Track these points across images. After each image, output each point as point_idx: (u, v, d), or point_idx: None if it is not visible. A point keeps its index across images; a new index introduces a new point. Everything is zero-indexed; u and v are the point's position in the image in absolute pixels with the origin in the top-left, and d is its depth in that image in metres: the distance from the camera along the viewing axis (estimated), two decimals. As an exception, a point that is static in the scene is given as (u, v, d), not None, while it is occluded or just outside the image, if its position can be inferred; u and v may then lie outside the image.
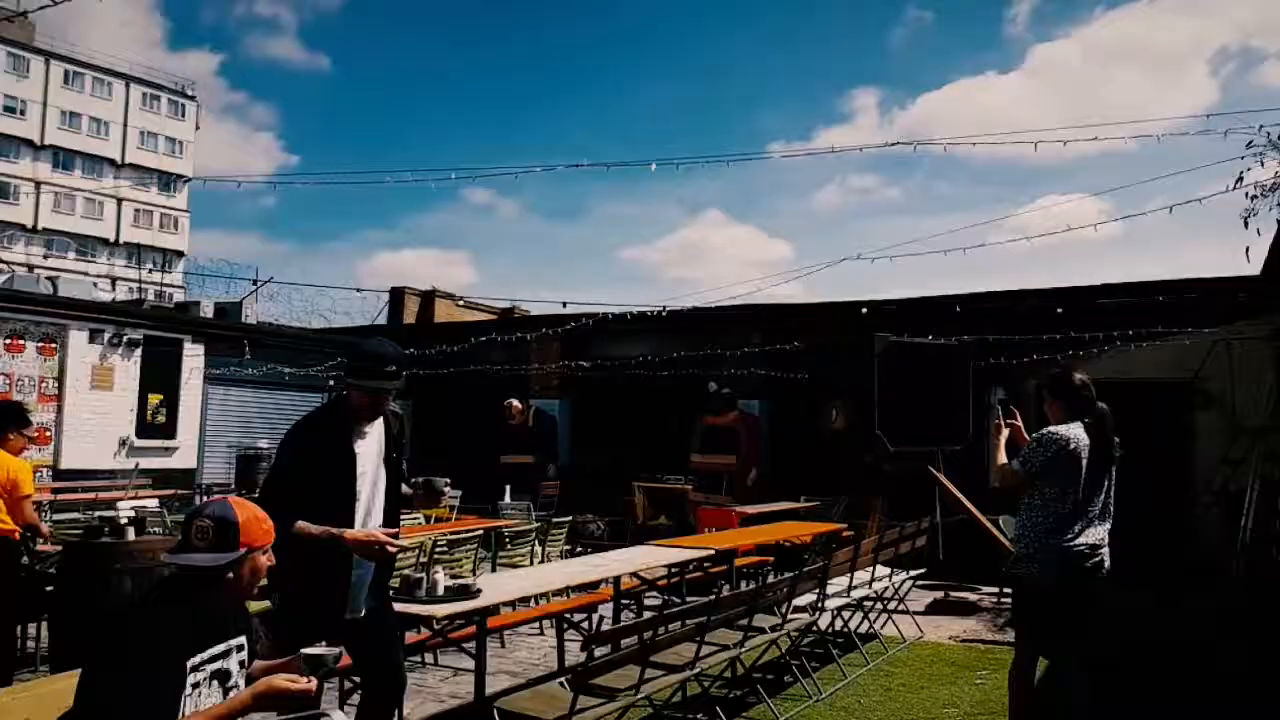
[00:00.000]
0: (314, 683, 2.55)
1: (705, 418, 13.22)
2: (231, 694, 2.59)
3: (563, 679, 4.44)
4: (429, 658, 6.48)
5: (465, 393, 15.11)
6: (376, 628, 3.77)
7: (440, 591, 4.43)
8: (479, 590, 4.56)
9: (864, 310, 12.11)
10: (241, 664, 2.69)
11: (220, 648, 2.59)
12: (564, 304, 8.77)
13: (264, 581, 3.94)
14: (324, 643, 2.72)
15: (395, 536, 3.64)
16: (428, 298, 18.89)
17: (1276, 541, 9.39)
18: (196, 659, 2.50)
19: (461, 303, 18.22)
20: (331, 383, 14.54)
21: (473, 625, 4.93)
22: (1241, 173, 9.12)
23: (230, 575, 2.62)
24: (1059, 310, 10.92)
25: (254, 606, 6.25)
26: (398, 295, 18.55)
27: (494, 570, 7.25)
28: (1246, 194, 12.66)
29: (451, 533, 7.36)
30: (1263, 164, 11.14)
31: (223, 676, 2.60)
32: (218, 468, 14.24)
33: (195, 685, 2.49)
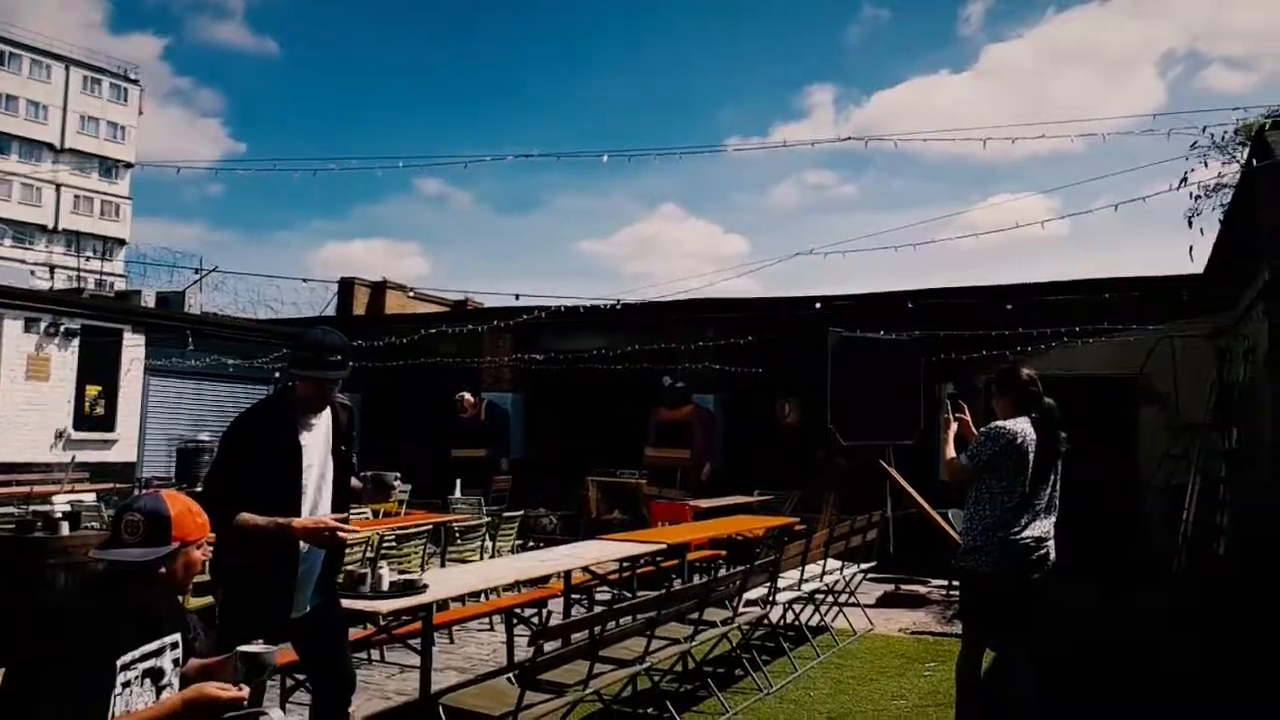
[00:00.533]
0: (245, 690, 2.47)
1: (660, 412, 13.21)
2: (165, 693, 2.52)
3: (511, 675, 4.37)
4: (375, 654, 6.37)
5: (416, 386, 14.92)
6: (323, 626, 3.66)
7: (385, 587, 4.34)
8: (425, 586, 4.48)
9: (818, 305, 12.16)
10: (176, 662, 2.61)
11: (153, 645, 2.51)
12: (516, 296, 8.66)
13: (207, 577, 3.81)
14: (262, 641, 2.63)
15: (345, 521, 3.53)
16: (378, 289, 18.61)
17: (1217, 536, 9.62)
18: (128, 657, 2.42)
19: (412, 294, 17.98)
20: (277, 374, 14.26)
21: (419, 621, 4.84)
22: (1186, 173, 9.33)
23: (163, 570, 2.54)
24: (1008, 307, 11.06)
25: (194, 603, 6.12)
26: (347, 286, 18.24)
27: (443, 565, 7.15)
28: (1190, 194, 12.99)
29: (400, 528, 7.24)
30: (1206, 164, 11.42)
31: (155, 675, 2.52)
32: (158, 461, 13.90)
33: (126, 684, 2.42)
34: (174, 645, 2.59)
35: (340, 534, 3.46)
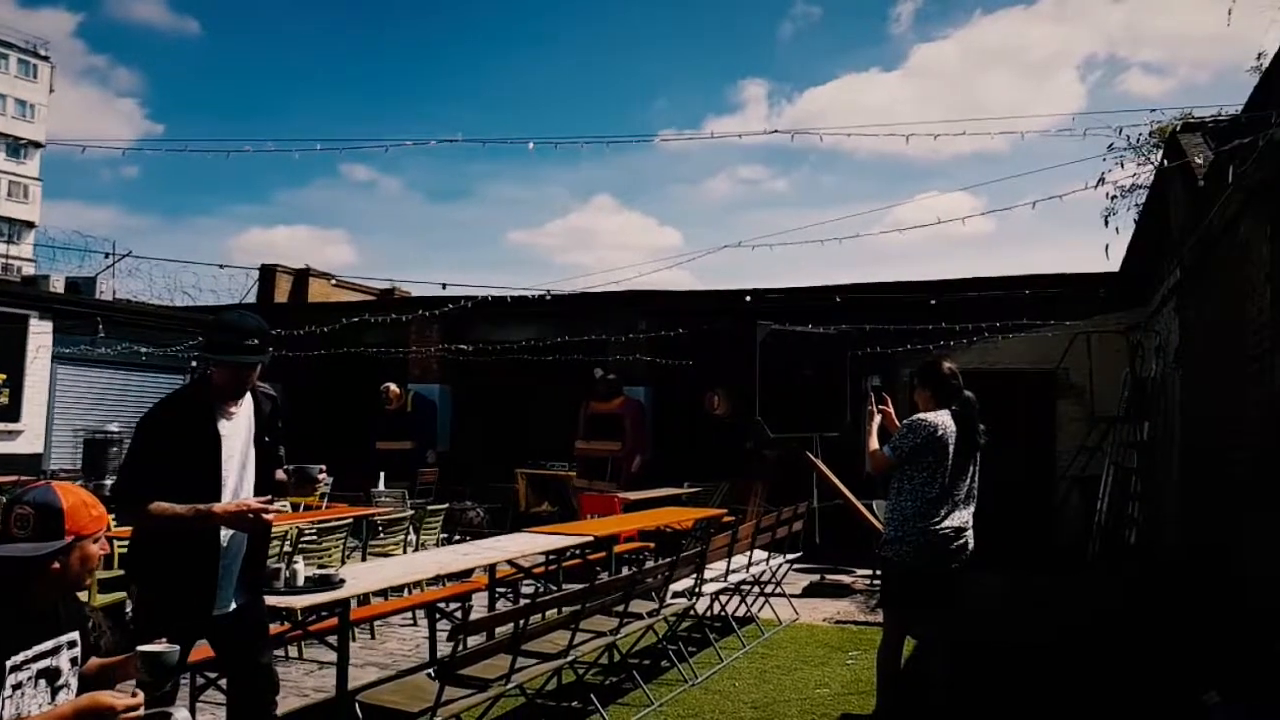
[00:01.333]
0: (140, 697, 2.35)
1: (590, 403, 13.16)
2: (62, 695, 2.42)
3: (430, 670, 4.28)
4: (293, 651, 6.20)
5: (340, 376, 14.61)
6: (246, 626, 3.51)
7: (300, 582, 4.21)
8: (342, 580, 4.35)
9: (748, 298, 12.23)
10: (74, 661, 2.51)
11: (48, 645, 2.41)
12: (444, 285, 8.49)
13: (118, 572, 3.60)
14: (165, 639, 2.51)
15: (269, 504, 3.37)
16: (301, 276, 18.17)
17: (1129, 525, 9.95)
18: (19, 657, 2.31)
19: (334, 282, 17.53)
20: (193, 364, 13.81)
21: (335, 617, 4.72)
22: (1103, 174, 9.61)
23: (56, 565, 2.41)
24: (932, 302, 11.27)
25: (100, 600, 5.87)
26: (268, 273, 17.75)
27: (364, 560, 7.00)
28: (1107, 194, 13.42)
29: (320, 521, 7.06)
30: (1122, 165, 11.82)
31: (51, 675, 2.42)
32: (66, 453, 13.34)
33: (17, 686, 2.31)
34: (71, 644, 2.49)
35: (265, 516, 3.31)
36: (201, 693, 4.84)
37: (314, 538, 6.51)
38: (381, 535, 7.19)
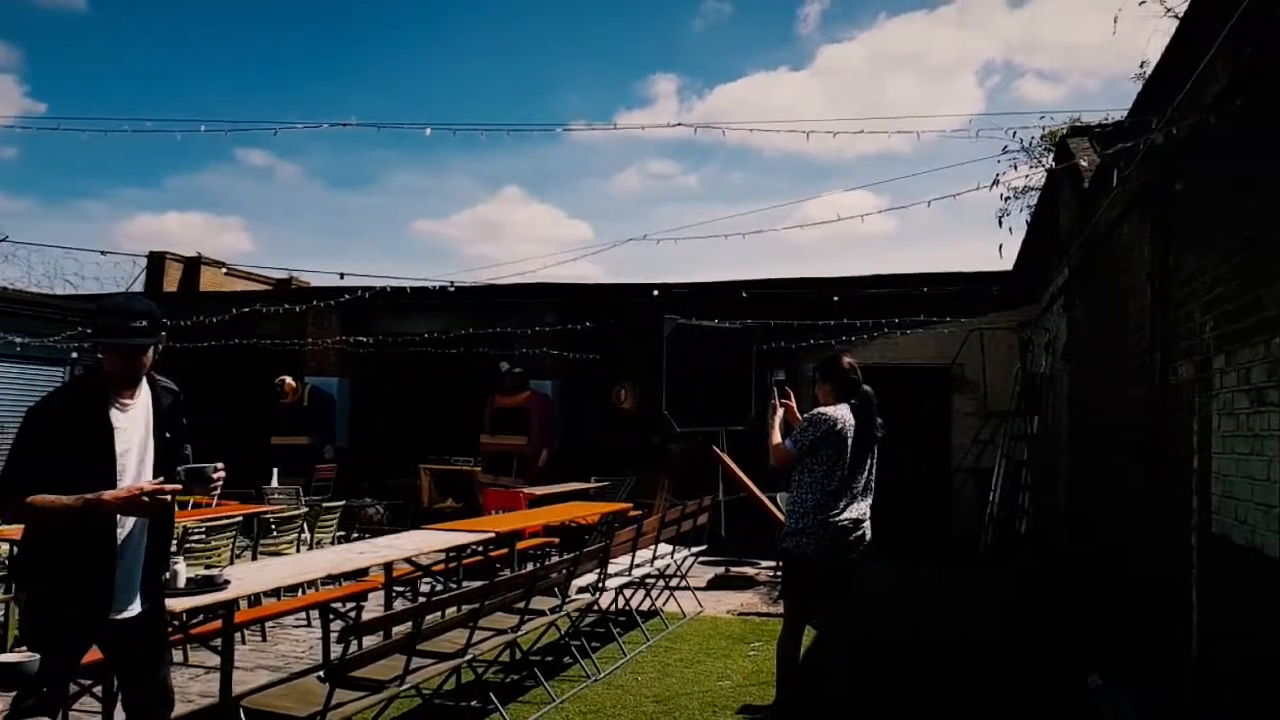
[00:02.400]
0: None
1: (496, 398, 12.99)
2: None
3: (321, 672, 4.12)
4: (177, 655, 5.92)
5: (233, 368, 14.08)
6: (145, 635, 3.27)
7: (181, 584, 4.00)
8: (226, 581, 4.15)
9: (655, 293, 12.25)
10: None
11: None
12: (341, 275, 8.22)
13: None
14: (25, 647, 2.34)
15: (163, 484, 3.15)
16: (192, 265, 17.43)
17: (1020, 516, 10.32)
18: None
19: (225, 271, 16.83)
20: (74, 355, 13.10)
21: (220, 619, 4.51)
22: (997, 175, 9.93)
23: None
24: (835, 298, 11.48)
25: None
26: (157, 260, 16.96)
27: (255, 559, 6.73)
28: (1001, 195, 13.90)
29: (208, 519, 6.77)
30: (1015, 167, 12.26)
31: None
32: (-69, 449, 12.53)
33: None
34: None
35: (161, 498, 3.10)
36: (74, 701, 4.57)
37: (202, 537, 6.24)
38: (274, 534, 6.93)
